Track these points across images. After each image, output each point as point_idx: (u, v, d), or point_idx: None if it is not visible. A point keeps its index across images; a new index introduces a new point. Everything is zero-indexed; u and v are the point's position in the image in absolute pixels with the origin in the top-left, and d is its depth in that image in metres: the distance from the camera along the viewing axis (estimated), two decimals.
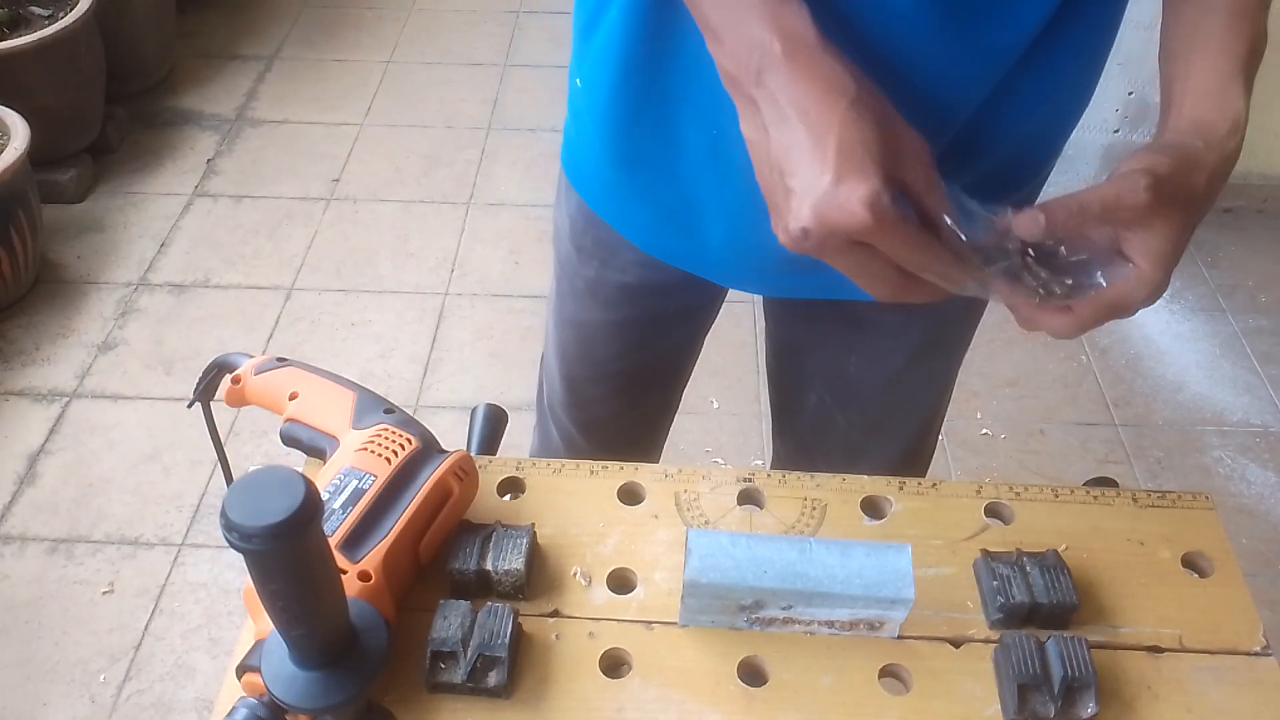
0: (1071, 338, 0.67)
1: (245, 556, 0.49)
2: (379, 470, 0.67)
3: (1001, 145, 0.76)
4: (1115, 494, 0.81)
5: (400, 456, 0.68)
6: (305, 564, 0.50)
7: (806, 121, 0.55)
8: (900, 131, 0.56)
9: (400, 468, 0.68)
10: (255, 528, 0.47)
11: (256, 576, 0.51)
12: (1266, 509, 1.91)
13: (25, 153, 2.02)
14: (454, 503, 0.71)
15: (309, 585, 0.52)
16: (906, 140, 0.56)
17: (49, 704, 1.55)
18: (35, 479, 1.86)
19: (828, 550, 0.69)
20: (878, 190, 0.53)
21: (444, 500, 0.70)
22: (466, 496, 0.73)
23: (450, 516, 0.71)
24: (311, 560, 0.51)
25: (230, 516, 0.47)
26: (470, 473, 0.73)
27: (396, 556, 0.65)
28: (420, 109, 2.81)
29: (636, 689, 0.68)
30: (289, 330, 2.15)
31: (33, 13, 2.32)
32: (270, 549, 0.48)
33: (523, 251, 2.38)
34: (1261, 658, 0.71)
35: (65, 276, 2.26)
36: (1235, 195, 2.46)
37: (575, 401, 1.11)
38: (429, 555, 0.70)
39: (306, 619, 0.54)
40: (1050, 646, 0.68)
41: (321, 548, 0.52)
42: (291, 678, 0.57)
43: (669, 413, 1.20)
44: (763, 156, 0.57)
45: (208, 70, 2.90)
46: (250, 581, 0.55)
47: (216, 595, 1.70)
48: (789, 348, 1.06)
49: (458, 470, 0.71)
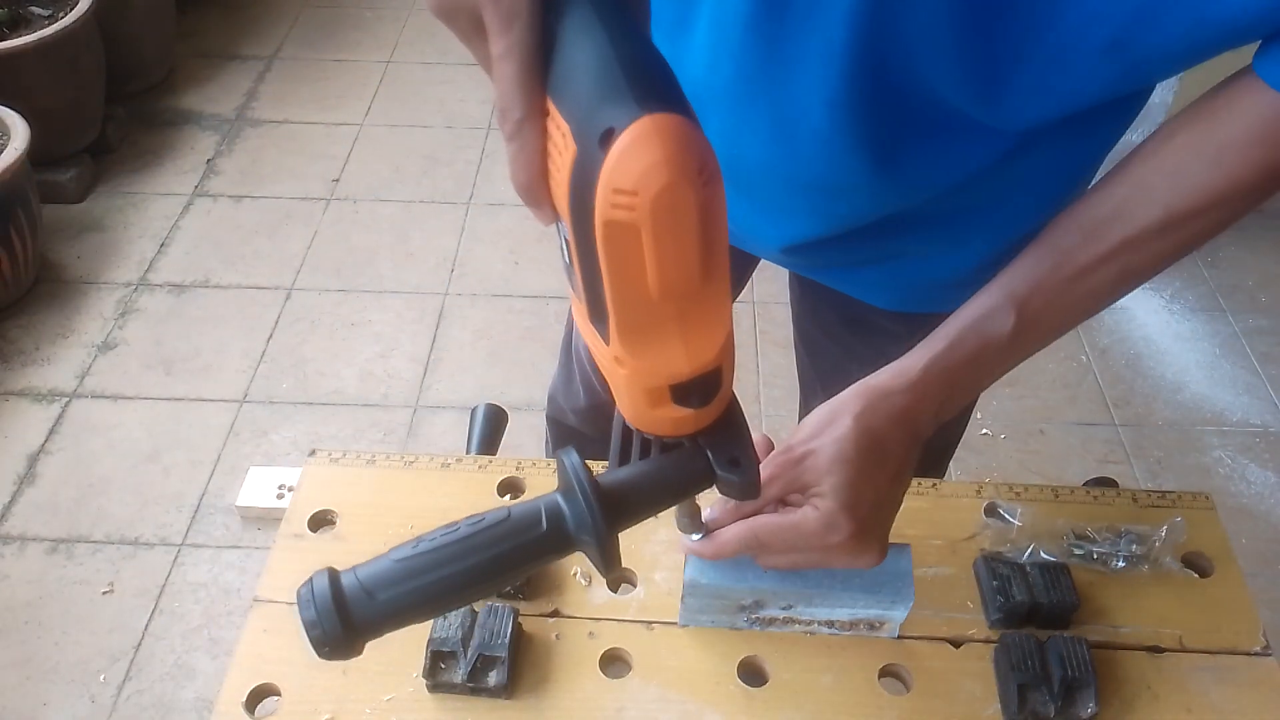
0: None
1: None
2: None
3: (914, 246, 0.78)
4: (1115, 494, 0.81)
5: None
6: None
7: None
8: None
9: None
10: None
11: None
12: (1266, 509, 1.91)
13: (25, 153, 2.02)
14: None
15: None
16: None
17: (49, 704, 1.55)
18: (35, 479, 1.86)
19: None
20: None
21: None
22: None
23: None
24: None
25: None
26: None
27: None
28: (420, 109, 2.81)
29: (636, 689, 0.68)
30: (289, 330, 2.15)
31: (33, 13, 2.32)
32: None
33: (523, 251, 2.38)
34: (1261, 658, 0.71)
35: (65, 276, 2.26)
36: None
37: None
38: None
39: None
40: (1050, 646, 0.68)
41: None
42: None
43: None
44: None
45: (208, 70, 2.89)
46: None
47: (216, 595, 1.69)
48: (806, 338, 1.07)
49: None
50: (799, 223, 0.76)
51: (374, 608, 0.49)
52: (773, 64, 0.64)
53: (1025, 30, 0.56)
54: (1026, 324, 0.64)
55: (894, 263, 0.81)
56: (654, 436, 0.54)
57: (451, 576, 0.50)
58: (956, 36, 0.58)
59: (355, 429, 1.96)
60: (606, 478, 0.53)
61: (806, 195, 0.73)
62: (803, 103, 0.65)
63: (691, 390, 0.50)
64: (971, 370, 0.66)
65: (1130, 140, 0.69)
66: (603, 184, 0.41)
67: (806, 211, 0.75)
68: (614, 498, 0.52)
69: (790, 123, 0.67)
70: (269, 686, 0.69)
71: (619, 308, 0.45)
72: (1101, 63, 0.57)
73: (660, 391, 0.49)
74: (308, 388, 2.02)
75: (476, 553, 0.50)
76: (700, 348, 0.48)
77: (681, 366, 0.48)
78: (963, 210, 0.74)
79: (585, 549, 0.52)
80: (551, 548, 0.52)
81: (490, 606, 0.68)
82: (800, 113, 0.66)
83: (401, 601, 0.49)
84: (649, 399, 0.50)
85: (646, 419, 0.52)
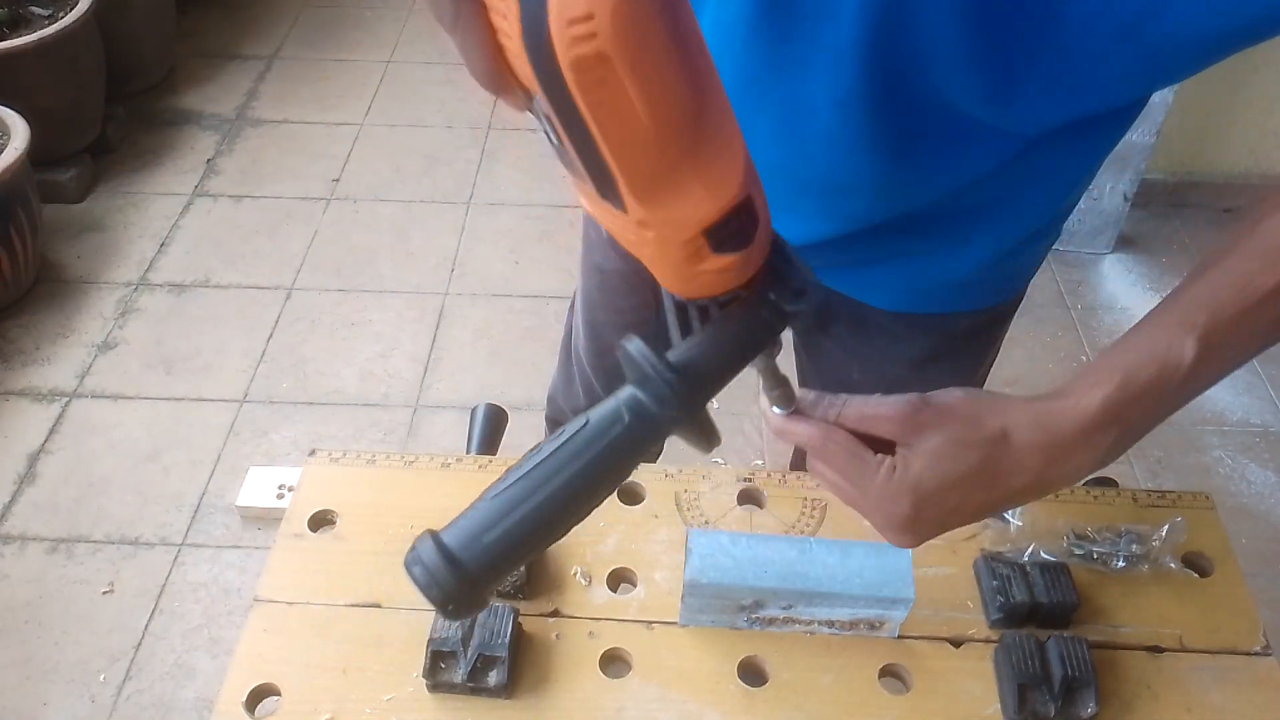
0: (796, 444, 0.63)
1: None
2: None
3: (917, 246, 0.77)
4: (1115, 494, 0.81)
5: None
6: None
7: None
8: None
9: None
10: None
11: None
12: (1266, 509, 1.91)
13: (25, 153, 2.02)
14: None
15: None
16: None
17: (49, 704, 1.55)
18: (35, 479, 1.86)
19: (828, 550, 0.69)
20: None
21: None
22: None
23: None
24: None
25: None
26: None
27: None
28: (420, 109, 2.81)
29: (636, 689, 0.68)
30: (289, 330, 2.15)
31: (33, 13, 2.32)
32: None
33: (523, 251, 2.38)
34: (1261, 658, 0.71)
35: (65, 276, 2.26)
36: (1236, 195, 2.46)
37: (596, 348, 1.13)
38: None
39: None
40: (1050, 646, 0.68)
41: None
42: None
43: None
44: None
45: (208, 70, 2.89)
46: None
47: (216, 595, 1.69)
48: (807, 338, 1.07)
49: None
50: (802, 223, 0.76)
51: (484, 551, 0.47)
52: (778, 63, 0.64)
53: (1037, 21, 0.56)
54: (1209, 353, 0.57)
55: (896, 263, 0.81)
56: (709, 301, 0.50)
57: (551, 497, 0.48)
58: (968, 31, 0.57)
59: (355, 429, 1.96)
60: (675, 353, 0.50)
61: (811, 195, 0.73)
62: (810, 102, 0.65)
63: (727, 230, 0.46)
64: (1146, 407, 0.58)
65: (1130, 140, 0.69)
66: (555, 21, 0.38)
67: (810, 211, 0.75)
68: (689, 370, 0.49)
69: (796, 122, 0.67)
70: (269, 686, 0.69)
71: (621, 159, 0.42)
72: (1114, 54, 0.56)
73: (696, 243, 0.46)
74: (308, 387, 2.02)
75: (568, 466, 0.48)
76: (720, 179, 0.44)
77: (707, 206, 0.45)
78: (967, 211, 0.74)
79: (677, 430, 0.49)
80: (641, 439, 0.49)
81: (490, 606, 0.68)
82: (807, 112, 0.65)
83: (510, 536, 0.47)
84: (688, 256, 0.46)
85: (693, 281, 0.48)
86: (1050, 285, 2.31)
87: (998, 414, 0.58)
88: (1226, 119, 2.34)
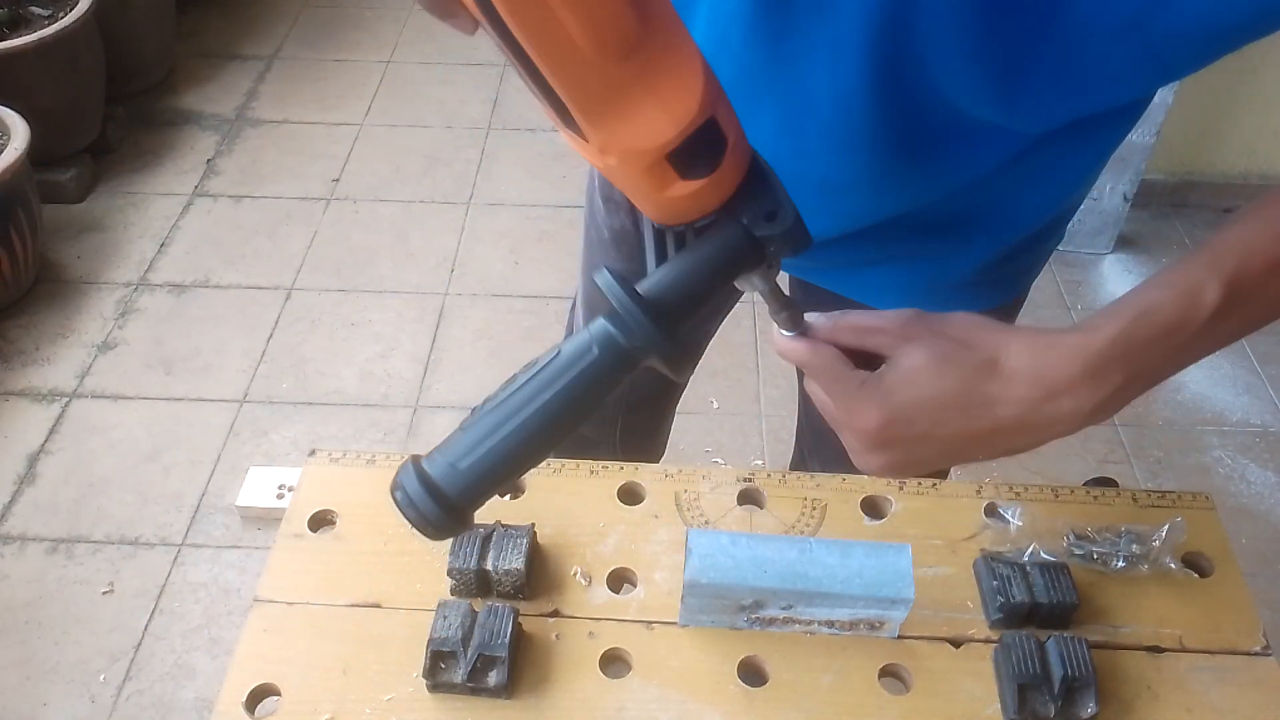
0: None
1: None
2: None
3: (917, 247, 0.77)
4: (1115, 494, 0.81)
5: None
6: None
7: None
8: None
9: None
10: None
11: None
12: (1266, 509, 1.91)
13: (25, 153, 2.02)
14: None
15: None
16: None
17: (49, 704, 1.55)
18: (35, 479, 1.86)
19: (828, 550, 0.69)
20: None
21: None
22: None
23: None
24: None
25: None
26: None
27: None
28: (420, 109, 2.81)
29: (636, 689, 0.68)
30: (289, 330, 2.15)
31: (33, 13, 2.32)
32: None
33: (523, 251, 2.38)
34: (1261, 658, 0.71)
35: (65, 276, 2.26)
36: (1236, 195, 2.46)
37: None
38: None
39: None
40: (1050, 646, 0.68)
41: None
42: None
43: (677, 390, 1.20)
44: None
45: (208, 70, 2.89)
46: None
47: (216, 595, 1.70)
48: None
49: None
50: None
51: (460, 476, 0.48)
52: (778, 60, 0.64)
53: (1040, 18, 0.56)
54: (1233, 301, 0.53)
55: (895, 264, 0.81)
56: (686, 226, 0.49)
57: (523, 425, 0.48)
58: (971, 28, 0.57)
59: (355, 429, 1.96)
60: (645, 284, 0.49)
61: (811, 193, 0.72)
62: (811, 99, 0.64)
63: (691, 153, 0.45)
64: (1160, 351, 0.54)
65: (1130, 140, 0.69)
66: None
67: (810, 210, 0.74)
68: (659, 298, 0.48)
69: (797, 119, 0.66)
70: (269, 686, 0.69)
71: (561, 80, 0.41)
72: (1117, 51, 0.56)
73: (660, 168, 0.45)
74: (308, 388, 2.02)
75: (538, 395, 0.48)
76: (675, 98, 0.43)
77: (665, 126, 0.43)
78: (968, 211, 0.73)
79: (648, 359, 0.49)
80: (611, 369, 0.49)
81: (490, 606, 0.68)
82: (808, 109, 0.65)
83: (485, 462, 0.48)
84: (652, 180, 0.45)
85: (664, 206, 0.47)
86: (1050, 285, 2.32)
87: (993, 339, 0.55)
88: (1226, 119, 2.34)
